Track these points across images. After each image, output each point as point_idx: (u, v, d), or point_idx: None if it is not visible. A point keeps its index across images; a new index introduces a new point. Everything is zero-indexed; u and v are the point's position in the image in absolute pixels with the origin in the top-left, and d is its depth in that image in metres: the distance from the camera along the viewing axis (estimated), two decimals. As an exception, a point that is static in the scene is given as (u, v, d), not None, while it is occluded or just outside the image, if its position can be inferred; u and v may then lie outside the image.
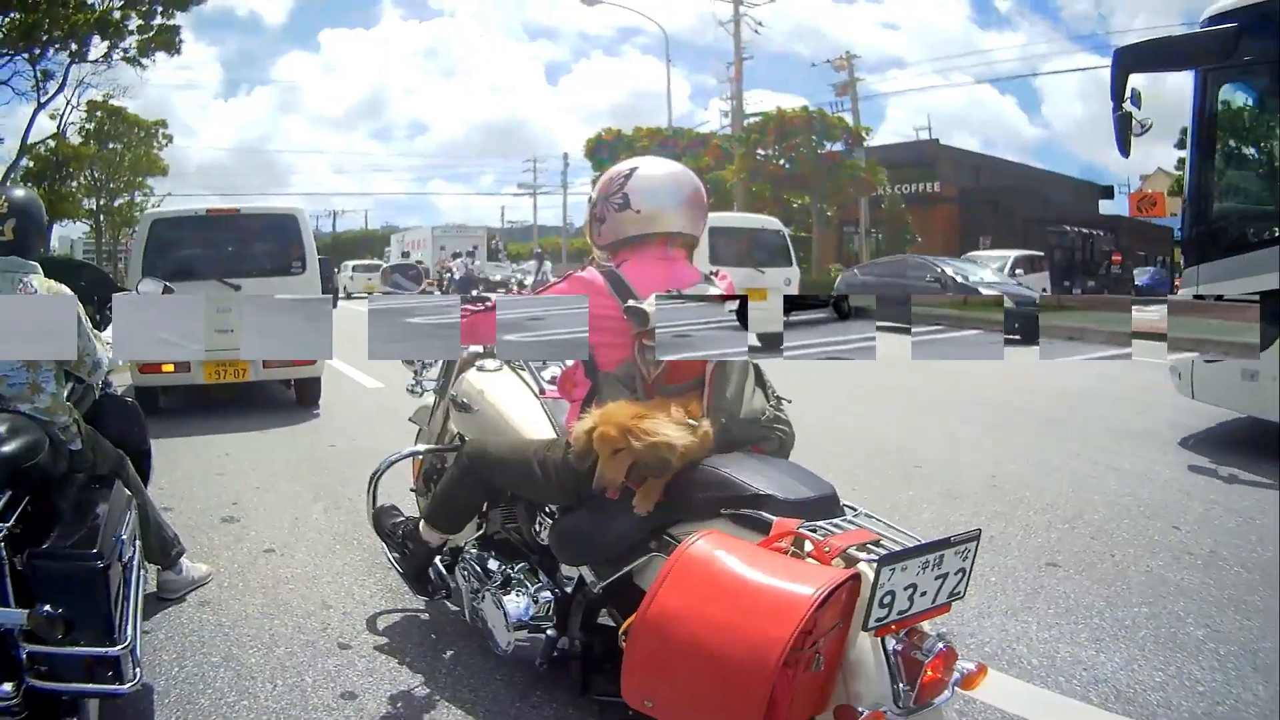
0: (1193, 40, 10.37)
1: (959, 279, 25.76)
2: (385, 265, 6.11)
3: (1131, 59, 10.12)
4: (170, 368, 12.56)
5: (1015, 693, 4.69)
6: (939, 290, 25.06)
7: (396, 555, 5.26)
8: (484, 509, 4.89)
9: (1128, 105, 9.90)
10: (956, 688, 3.08)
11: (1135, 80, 9.88)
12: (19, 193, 4.99)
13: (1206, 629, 5.48)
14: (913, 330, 4.32)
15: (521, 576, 4.46)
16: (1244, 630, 5.46)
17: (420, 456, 5.92)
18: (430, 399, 6.08)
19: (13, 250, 4.71)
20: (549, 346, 5.47)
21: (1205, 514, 7.81)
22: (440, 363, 5.94)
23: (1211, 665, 5.01)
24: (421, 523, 4.93)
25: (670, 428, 3.64)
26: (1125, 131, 9.92)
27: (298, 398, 14.14)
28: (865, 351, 3.55)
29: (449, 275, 29.10)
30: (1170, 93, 10.17)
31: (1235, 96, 10.58)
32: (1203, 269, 10.47)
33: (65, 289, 4.85)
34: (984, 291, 24.09)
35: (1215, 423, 11.68)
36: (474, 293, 5.81)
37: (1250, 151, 11.06)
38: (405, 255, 65.09)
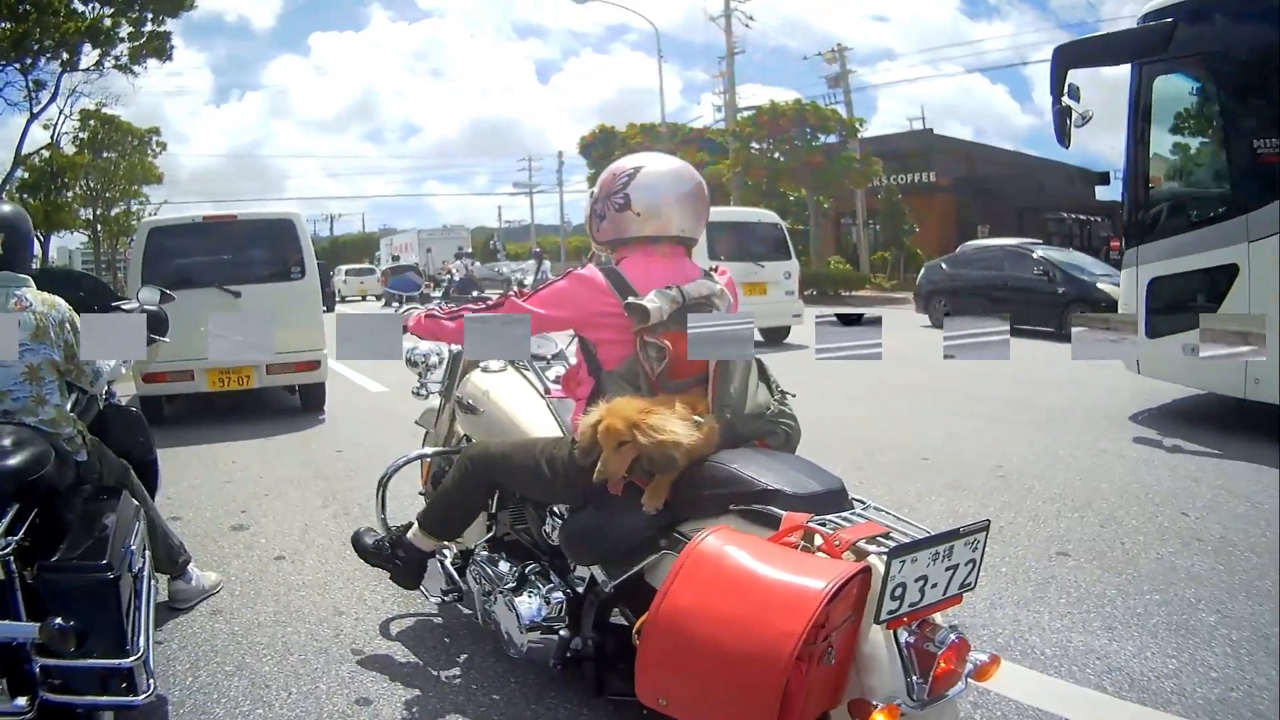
0: (1129, 36, 11.05)
1: (1072, 273, 23.16)
2: (385, 268, 6.09)
3: (1071, 55, 10.74)
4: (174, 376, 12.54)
5: (1029, 683, 4.69)
6: (1046, 284, 22.99)
7: (388, 572, 5.17)
8: (492, 510, 4.88)
9: (1066, 99, 10.52)
10: (970, 679, 3.09)
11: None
12: (6, 208, 4.97)
13: (1218, 615, 5.49)
14: (1011, 329, 4.26)
15: (533, 578, 4.47)
16: (1256, 615, 5.46)
17: (428, 459, 5.92)
18: (436, 401, 6.07)
19: (3, 265, 4.70)
20: (552, 345, 5.51)
21: (1213, 500, 7.81)
22: (445, 365, 5.93)
23: (1224, 651, 5.01)
24: (414, 528, 4.90)
25: (677, 424, 3.65)
26: (1064, 123, 10.55)
27: (303, 404, 14.08)
28: (874, 351, 3.54)
29: (449, 277, 29.09)
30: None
31: (1170, 88, 11.08)
32: (1142, 250, 11.15)
33: (60, 301, 4.85)
34: (1103, 287, 21.72)
35: (1170, 399, 12.13)
36: (474, 294, 5.79)
37: (1183, 140, 11.53)
38: (395, 259, 65.97)
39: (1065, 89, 10.61)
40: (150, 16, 39.97)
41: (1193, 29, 10.29)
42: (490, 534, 5.00)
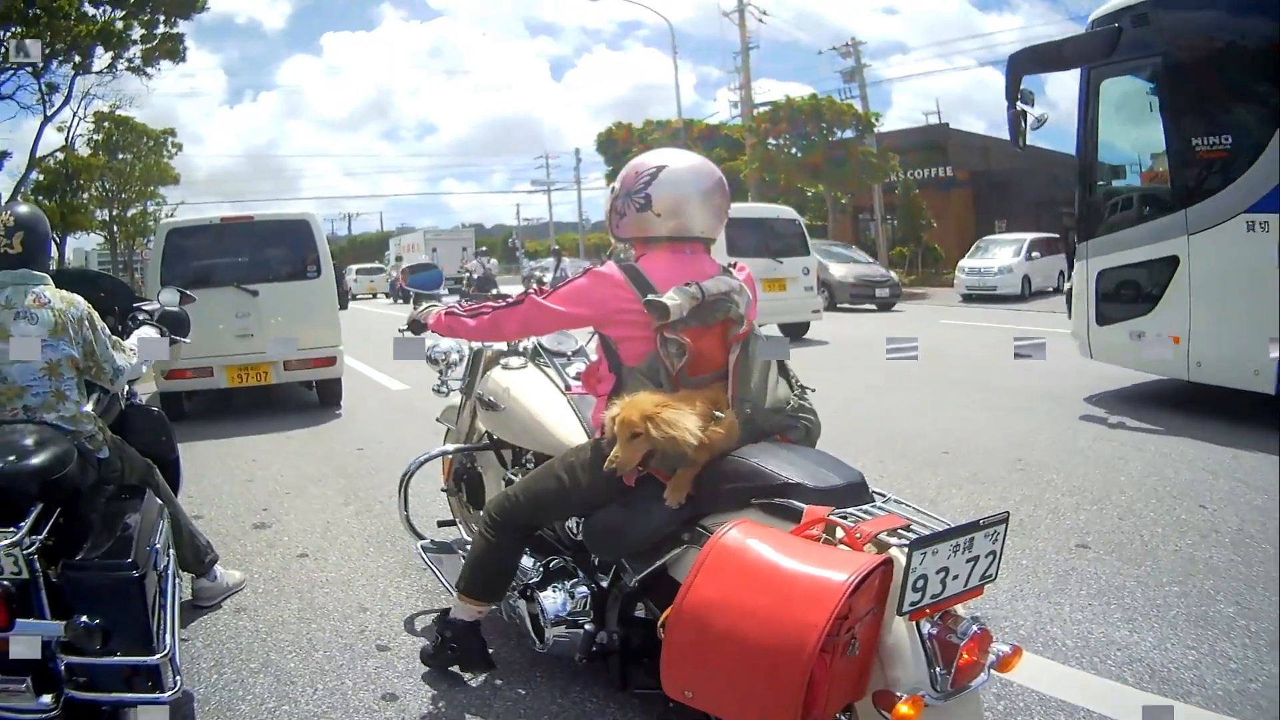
0: (1077, 42, 11.90)
1: None
2: (405, 266, 6.09)
3: (1024, 62, 11.67)
4: (194, 373, 12.83)
5: (1051, 674, 4.70)
6: None
7: (459, 667, 4.87)
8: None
9: (1020, 104, 11.53)
10: (992, 670, 3.10)
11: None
12: (23, 208, 4.99)
13: (1237, 606, 5.50)
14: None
15: (557, 573, 4.50)
16: (1273, 606, 5.46)
17: (449, 456, 5.94)
18: (457, 399, 6.08)
19: (22, 263, 4.73)
20: (573, 342, 5.52)
21: (1231, 492, 7.81)
22: (465, 362, 5.94)
23: (1243, 642, 5.02)
24: (455, 601, 4.71)
25: (691, 421, 3.67)
26: (1019, 126, 11.55)
27: (320, 399, 14.38)
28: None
29: (469, 275, 29.23)
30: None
31: (1116, 90, 11.89)
32: (1092, 244, 12.08)
33: (79, 298, 4.86)
34: None
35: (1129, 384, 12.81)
36: (494, 291, 5.80)
37: (1128, 139, 12.26)
38: (398, 259, 66.92)
39: (1019, 94, 11.48)
40: (162, 19, 40.03)
41: (1137, 34, 10.99)
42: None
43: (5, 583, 3.60)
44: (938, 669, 2.94)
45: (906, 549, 2.82)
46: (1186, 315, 10.61)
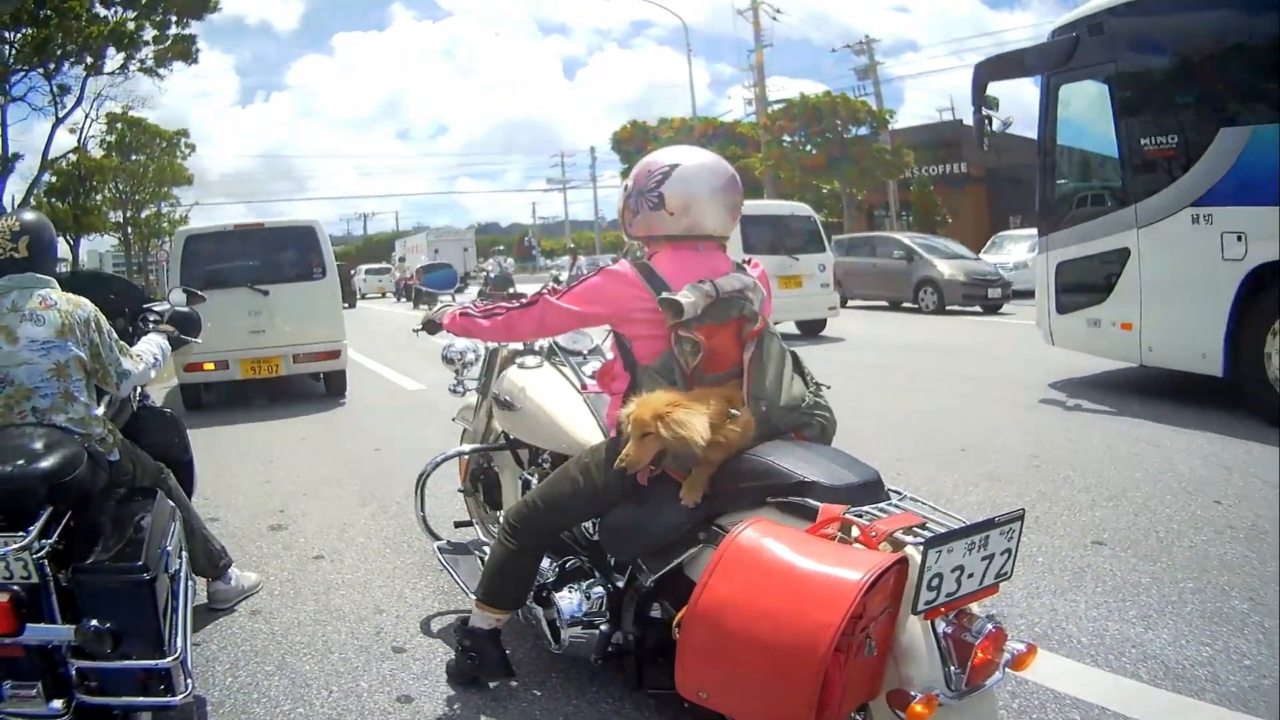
0: (1037, 51, 13.00)
1: None
2: (418, 266, 6.15)
3: (988, 70, 12.91)
4: (211, 366, 13.95)
5: (1066, 672, 4.69)
6: None
7: (481, 676, 4.78)
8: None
9: (985, 110, 12.78)
10: (1007, 669, 3.09)
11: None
12: (29, 215, 5.03)
13: (1251, 602, 5.47)
14: None
15: (573, 573, 4.51)
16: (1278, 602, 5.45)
17: (466, 457, 5.95)
18: (473, 398, 6.08)
19: (28, 267, 4.76)
20: (588, 340, 5.51)
21: (1245, 487, 7.77)
22: (481, 362, 5.95)
23: (1256, 638, 5.00)
24: (474, 609, 4.64)
25: (701, 421, 3.66)
26: (983, 129, 12.93)
27: (326, 389, 15.51)
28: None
29: (485, 274, 29.41)
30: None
31: (1073, 94, 12.71)
32: (1051, 237, 12.99)
33: (85, 300, 4.89)
34: None
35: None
36: (510, 290, 5.80)
37: (1083, 140, 13.06)
38: (401, 260, 67.99)
39: (985, 100, 12.75)
40: (174, 19, 40.16)
41: (1092, 43, 11.89)
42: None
43: (15, 587, 3.62)
44: (952, 668, 2.94)
45: (922, 547, 2.81)
46: (1138, 303, 11.45)
